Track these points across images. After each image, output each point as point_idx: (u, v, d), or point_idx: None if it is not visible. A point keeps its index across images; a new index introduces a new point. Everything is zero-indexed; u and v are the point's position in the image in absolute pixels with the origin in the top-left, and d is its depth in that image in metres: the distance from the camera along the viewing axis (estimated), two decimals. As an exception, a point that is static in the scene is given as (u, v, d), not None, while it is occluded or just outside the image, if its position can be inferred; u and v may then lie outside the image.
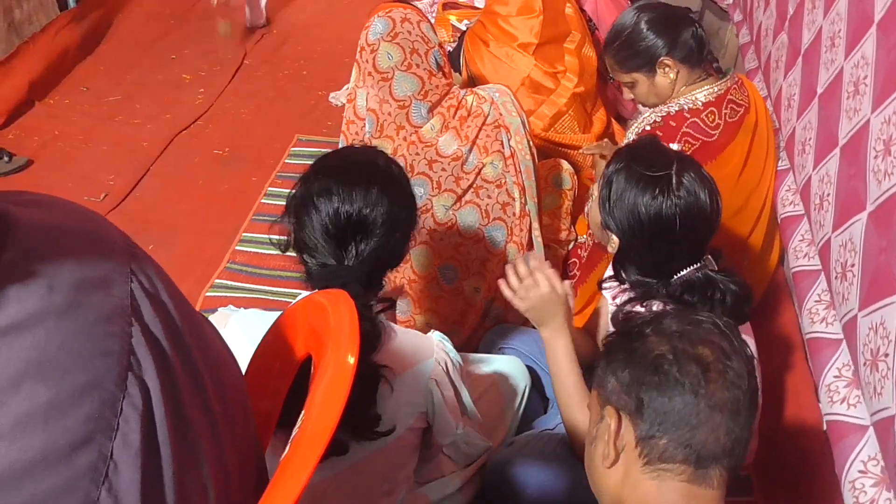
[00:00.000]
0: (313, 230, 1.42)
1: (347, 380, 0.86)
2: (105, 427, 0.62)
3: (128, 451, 0.63)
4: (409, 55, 2.06)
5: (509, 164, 2.17)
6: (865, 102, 1.68)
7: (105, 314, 0.65)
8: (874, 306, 1.51)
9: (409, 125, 2.10)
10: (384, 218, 1.42)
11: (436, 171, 2.11)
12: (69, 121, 3.48)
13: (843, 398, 1.69)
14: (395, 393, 1.41)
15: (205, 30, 4.28)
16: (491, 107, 2.17)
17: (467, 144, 2.12)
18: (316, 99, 3.73)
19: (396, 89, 2.07)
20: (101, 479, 0.61)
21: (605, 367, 1.12)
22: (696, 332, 1.08)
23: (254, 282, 2.63)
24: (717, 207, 1.57)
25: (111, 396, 0.63)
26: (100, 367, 0.63)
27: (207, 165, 3.26)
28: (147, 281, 0.71)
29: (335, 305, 1.02)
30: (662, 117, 2.20)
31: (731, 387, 1.04)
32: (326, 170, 1.47)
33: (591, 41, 3.03)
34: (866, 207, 1.61)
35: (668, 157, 1.59)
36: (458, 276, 2.22)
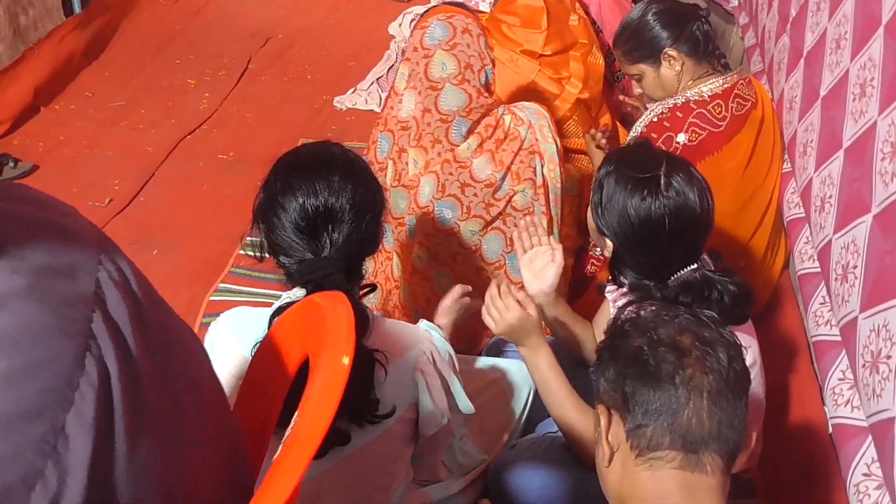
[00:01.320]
0: (284, 230, 1.42)
1: (341, 381, 0.86)
2: (60, 400, 0.63)
3: (81, 427, 0.63)
4: (464, 69, 2.01)
5: (539, 192, 2.12)
6: (872, 104, 1.67)
7: (67, 299, 0.67)
8: (877, 308, 1.50)
9: (447, 141, 2.04)
10: (350, 203, 1.42)
11: (467, 196, 2.06)
12: (74, 126, 3.49)
13: (846, 401, 1.68)
14: (386, 383, 1.41)
15: (210, 35, 4.29)
16: (528, 131, 2.12)
17: (501, 170, 2.06)
18: (321, 103, 3.73)
19: (443, 102, 2.02)
20: (48, 450, 0.61)
21: (596, 370, 1.16)
22: (672, 322, 1.12)
23: (258, 286, 2.63)
24: (708, 206, 1.56)
25: (68, 372, 0.64)
26: (58, 345, 0.65)
27: (212, 170, 3.26)
28: (116, 271, 0.73)
29: (332, 307, 1.01)
30: (669, 108, 2.21)
31: (711, 371, 1.07)
32: (285, 169, 1.47)
33: (598, 46, 3.02)
34: (871, 209, 1.60)
35: (656, 158, 1.59)
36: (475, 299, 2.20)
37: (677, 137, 2.16)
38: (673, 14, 2.23)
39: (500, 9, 2.89)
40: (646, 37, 2.24)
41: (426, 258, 2.14)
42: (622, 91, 3.36)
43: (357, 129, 3.52)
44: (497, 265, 2.14)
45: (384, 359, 1.41)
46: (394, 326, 1.52)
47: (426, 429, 1.52)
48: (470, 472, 1.78)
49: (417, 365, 1.47)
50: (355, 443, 1.44)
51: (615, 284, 1.69)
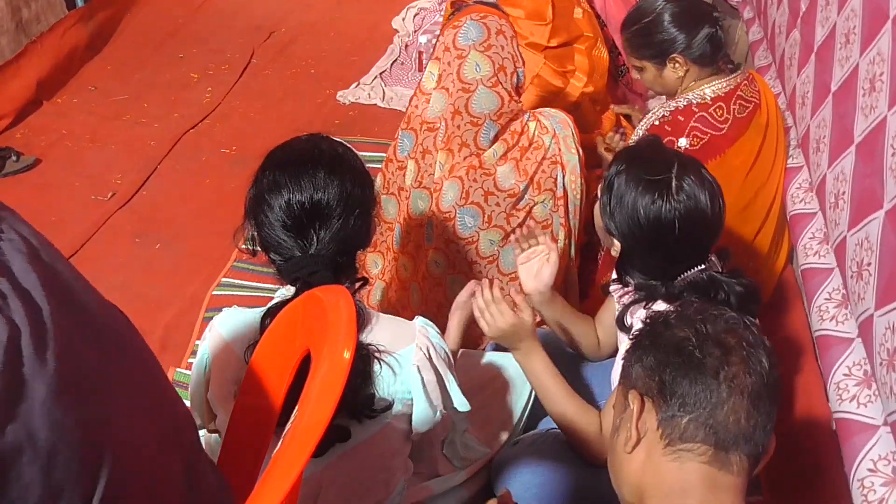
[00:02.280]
0: (272, 227, 1.43)
1: (342, 375, 0.85)
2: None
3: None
4: (498, 71, 1.97)
5: (559, 203, 2.09)
6: (882, 99, 1.65)
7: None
8: (892, 305, 1.48)
9: (475, 145, 2.01)
10: (338, 199, 1.41)
11: (490, 205, 2.03)
12: (77, 120, 3.48)
13: (852, 396, 1.67)
14: (382, 378, 1.41)
15: (213, 29, 4.28)
16: (552, 140, 2.08)
17: (525, 181, 2.04)
18: (324, 97, 3.71)
19: (475, 104, 1.98)
20: None
21: (631, 357, 1.15)
22: (720, 320, 1.11)
23: (260, 280, 2.62)
24: (719, 210, 1.54)
25: None
26: None
27: (215, 164, 3.25)
28: (20, 240, 0.75)
29: (333, 301, 1.00)
30: (671, 112, 2.18)
31: (753, 372, 1.06)
32: (272, 165, 1.46)
33: (603, 41, 3.00)
34: (883, 205, 1.58)
35: (668, 159, 1.57)
36: None
37: (679, 142, 2.13)
38: (688, 17, 2.16)
39: (505, 1, 2.87)
40: (656, 38, 2.19)
41: (443, 264, 2.12)
42: (626, 85, 3.35)
43: (360, 124, 3.50)
44: (512, 276, 2.11)
45: (379, 353, 1.40)
46: (389, 322, 1.51)
47: (420, 426, 1.52)
48: (471, 464, 1.77)
49: (414, 361, 1.46)
50: (355, 438, 1.44)
51: (620, 283, 1.67)
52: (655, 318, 1.17)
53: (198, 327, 2.44)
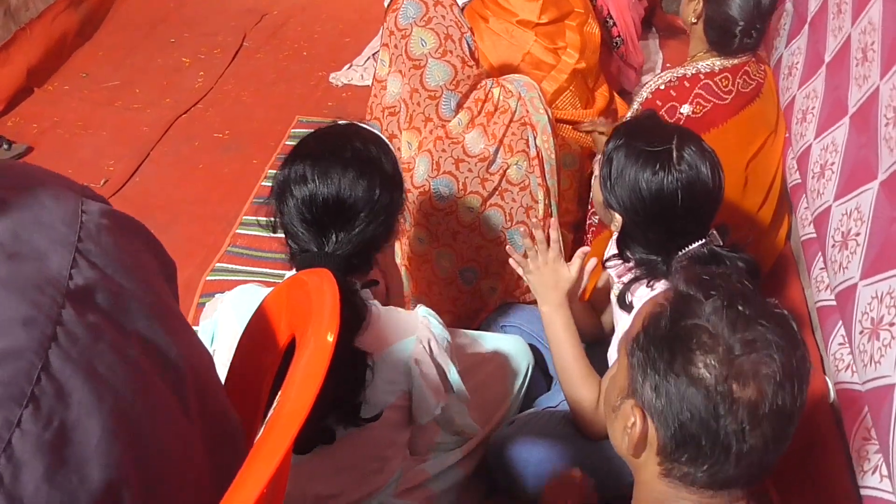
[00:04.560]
0: (291, 217, 1.41)
1: (325, 358, 0.84)
2: (17, 394, 0.61)
3: (38, 421, 0.62)
4: (444, 41, 1.97)
5: (534, 164, 2.09)
6: (874, 69, 1.64)
7: (35, 283, 0.65)
8: (882, 276, 1.48)
9: (438, 118, 2.02)
10: (364, 203, 1.39)
11: (462, 172, 2.04)
12: (68, 107, 3.46)
13: (847, 365, 1.68)
14: (377, 372, 1.39)
15: (204, 13, 4.25)
16: (518, 102, 2.08)
17: (494, 144, 2.04)
18: (316, 80, 3.69)
19: (428, 78, 1.98)
20: (2, 445, 0.60)
21: (645, 364, 1.03)
22: (752, 358, 0.97)
23: (255, 265, 2.61)
24: (719, 180, 1.54)
25: (28, 365, 0.62)
26: (20, 336, 0.63)
27: (208, 149, 3.23)
28: (96, 250, 0.71)
29: (317, 284, 0.99)
30: (678, 77, 2.19)
31: (776, 420, 0.98)
32: (303, 155, 1.43)
33: (594, 17, 2.97)
34: (878, 176, 1.57)
35: (667, 131, 1.57)
36: (478, 277, 2.19)
37: (681, 108, 2.13)
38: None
39: (494, -21, 2.85)
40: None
41: (426, 238, 2.12)
42: (621, 57, 3.33)
43: (353, 105, 3.48)
44: (497, 241, 2.12)
45: (373, 360, 1.39)
46: (390, 314, 1.49)
47: (420, 418, 1.52)
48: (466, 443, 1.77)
49: (413, 354, 1.45)
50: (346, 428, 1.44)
51: (620, 259, 1.66)
52: (681, 328, 1.01)
53: (192, 313, 2.43)
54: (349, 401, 1.38)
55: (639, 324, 1.07)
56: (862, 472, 1.52)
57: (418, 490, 1.67)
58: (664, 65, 3.64)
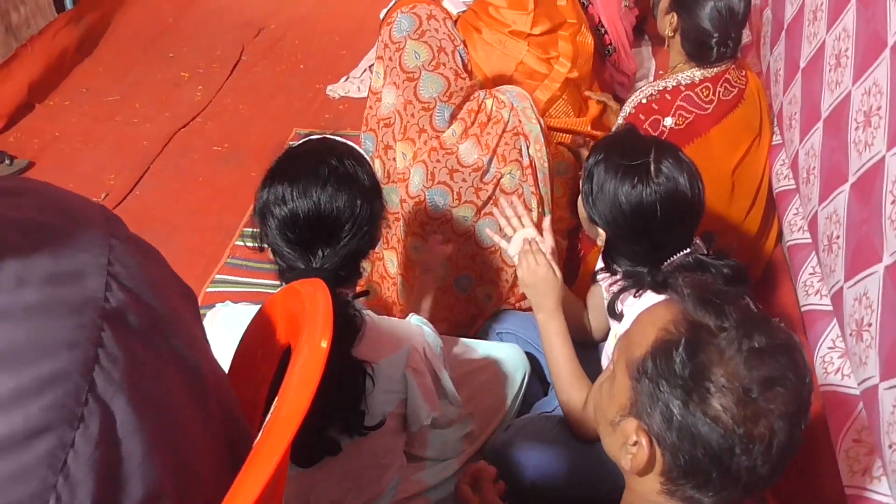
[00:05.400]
0: (276, 237, 1.42)
1: (320, 364, 0.88)
2: (68, 416, 0.64)
3: (89, 442, 0.64)
4: (437, 53, 2.01)
5: (527, 173, 2.12)
6: (847, 74, 1.68)
7: (75, 306, 0.67)
8: (858, 277, 1.52)
9: (432, 128, 2.04)
10: (346, 218, 1.41)
11: (456, 182, 2.07)
12: (69, 122, 3.51)
13: (836, 369, 1.70)
14: (376, 381, 1.41)
15: (202, 27, 4.30)
16: (511, 113, 2.11)
17: (488, 154, 2.07)
18: (314, 92, 3.74)
19: (422, 90, 2.02)
20: (59, 465, 0.63)
21: (654, 394, 1.02)
22: (767, 397, 0.97)
23: (254, 276, 2.65)
24: (699, 190, 1.56)
25: (76, 387, 0.64)
26: (66, 358, 0.65)
27: (207, 162, 3.28)
28: (125, 273, 0.73)
29: (310, 293, 1.03)
30: (659, 91, 2.22)
31: (787, 451, 0.99)
32: (279, 176, 1.44)
33: (587, 26, 3.02)
34: (848, 179, 1.61)
35: (645, 145, 1.59)
36: (473, 285, 2.21)
37: (664, 121, 2.17)
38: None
39: (488, -10, 2.89)
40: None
41: (422, 248, 2.15)
42: (613, 65, 3.37)
43: (350, 117, 3.52)
44: (491, 249, 2.15)
45: (372, 370, 1.40)
46: (384, 323, 1.51)
47: (412, 426, 1.54)
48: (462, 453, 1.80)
49: (409, 363, 1.47)
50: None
51: (608, 272, 1.70)
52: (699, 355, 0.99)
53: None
54: (352, 410, 1.40)
55: (641, 345, 1.06)
56: (851, 473, 1.53)
57: (416, 499, 1.68)
58: (657, 72, 3.68)
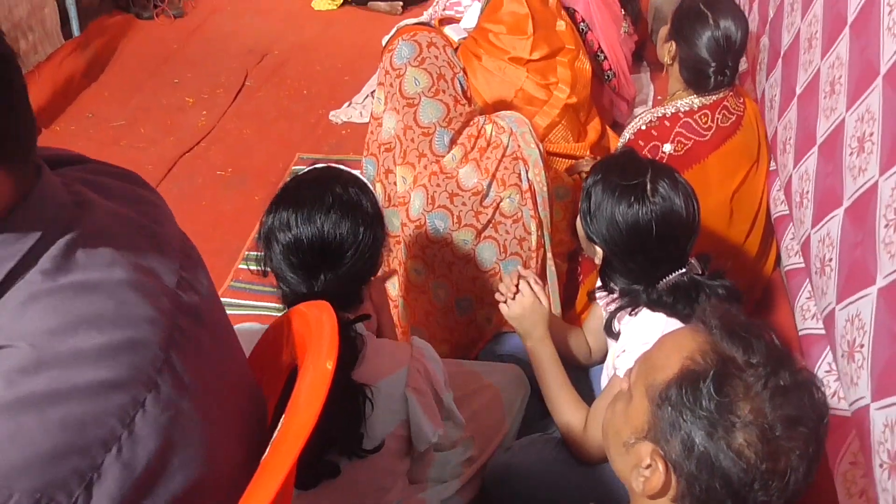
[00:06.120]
0: (279, 262, 1.46)
1: (325, 384, 0.91)
2: (144, 379, 0.74)
3: (157, 405, 0.74)
4: (437, 80, 2.05)
5: (526, 197, 2.15)
6: (841, 101, 1.72)
7: (155, 292, 0.80)
8: (850, 299, 1.54)
9: (431, 153, 2.08)
10: (349, 244, 1.44)
11: (456, 206, 2.10)
12: (75, 146, 3.48)
13: (833, 392, 1.71)
14: (375, 403, 1.43)
15: (207, 54, 4.35)
16: (510, 138, 2.14)
17: (487, 178, 2.10)
18: (317, 118, 3.78)
19: (422, 116, 2.06)
20: (128, 420, 0.72)
21: (677, 422, 1.03)
22: (790, 435, 0.99)
23: (256, 299, 2.68)
24: (694, 211, 1.61)
25: (154, 356, 0.76)
26: (147, 330, 0.76)
27: (211, 186, 3.31)
28: (194, 279, 0.87)
29: (317, 316, 1.06)
30: (658, 118, 2.26)
31: (802, 484, 1.01)
32: (285, 203, 1.48)
33: (586, 52, 3.06)
34: (843, 203, 1.64)
35: (642, 166, 1.64)
36: (473, 308, 2.23)
37: (664, 147, 2.21)
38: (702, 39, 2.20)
39: (486, 18, 2.94)
40: (677, 16, 2.30)
41: (423, 270, 2.18)
42: (613, 90, 3.41)
43: (353, 143, 3.56)
44: (492, 272, 2.18)
45: (371, 394, 1.42)
46: (384, 345, 1.54)
47: (418, 445, 1.56)
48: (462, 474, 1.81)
49: (410, 383, 1.49)
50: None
51: (605, 290, 1.73)
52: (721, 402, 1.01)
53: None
54: (351, 433, 1.42)
55: (665, 370, 1.07)
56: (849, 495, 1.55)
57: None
58: (655, 97, 3.72)
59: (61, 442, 0.69)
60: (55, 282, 0.74)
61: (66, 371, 0.70)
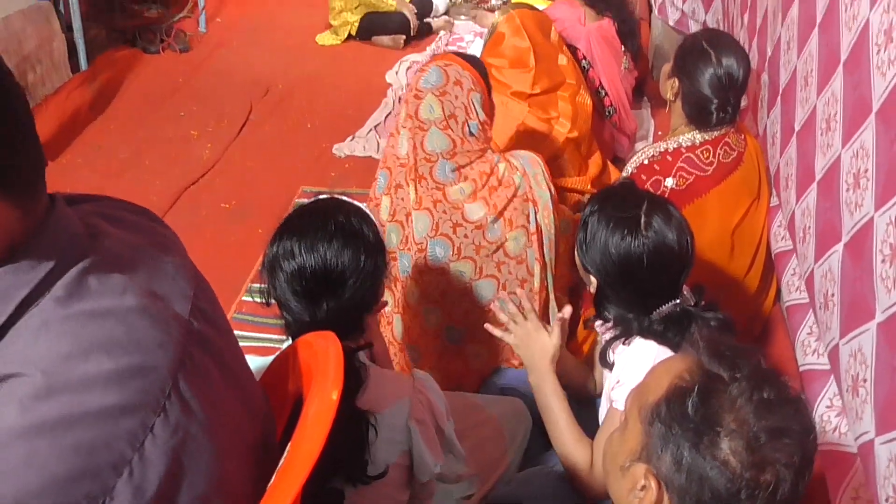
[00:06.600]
0: (283, 290, 1.49)
1: (330, 414, 0.92)
2: (153, 403, 0.76)
3: (166, 429, 0.76)
4: (448, 118, 2.09)
5: (533, 239, 2.16)
6: (837, 138, 1.74)
7: (165, 318, 0.82)
8: (853, 334, 1.55)
9: (432, 179, 2.11)
10: (351, 271, 1.47)
11: (458, 236, 2.12)
12: (81, 178, 3.56)
13: (834, 427, 1.72)
14: (378, 431, 1.44)
15: (212, 87, 4.40)
16: (522, 178, 2.16)
17: (493, 213, 2.12)
18: (320, 151, 3.81)
19: (428, 143, 2.10)
20: (137, 444, 0.74)
21: (667, 437, 1.06)
22: (775, 446, 1.01)
23: (260, 331, 2.69)
24: (687, 244, 1.63)
25: (163, 381, 0.78)
26: (156, 355, 0.78)
27: (215, 218, 3.33)
28: (207, 307, 0.90)
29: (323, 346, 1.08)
30: (660, 152, 2.29)
31: (790, 499, 1.02)
32: (288, 232, 1.51)
33: (586, 87, 3.11)
34: (842, 238, 1.66)
35: (638, 198, 1.67)
36: (464, 339, 2.23)
37: (666, 181, 2.24)
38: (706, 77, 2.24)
39: (488, 53, 2.99)
40: (680, 54, 2.34)
41: (417, 294, 2.19)
42: (614, 125, 3.46)
43: (356, 176, 3.60)
44: (487, 309, 2.17)
45: (375, 420, 1.43)
46: (386, 375, 1.55)
47: (420, 476, 1.56)
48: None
49: (413, 414, 1.50)
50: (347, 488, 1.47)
51: (600, 319, 1.75)
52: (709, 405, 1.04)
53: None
54: (355, 459, 1.43)
55: (656, 391, 1.09)
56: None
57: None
58: (656, 132, 3.76)
59: (74, 466, 0.70)
60: (68, 309, 0.76)
61: (77, 396, 0.72)
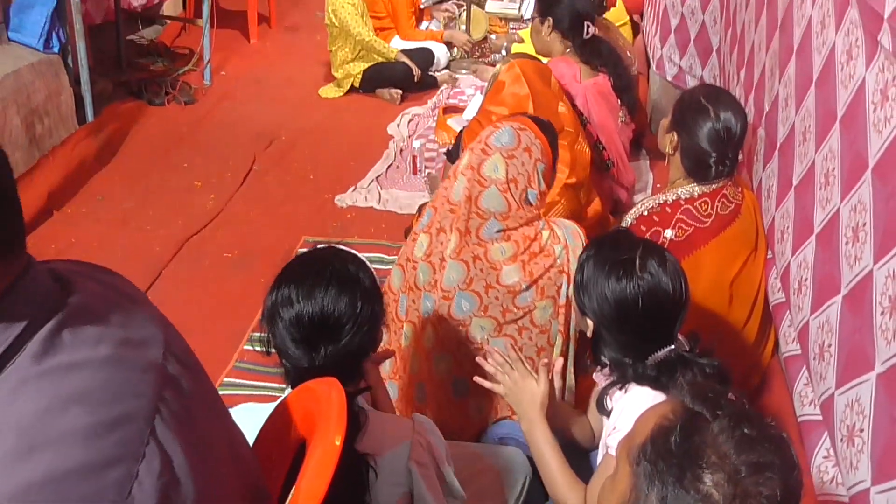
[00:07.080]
0: (282, 338, 1.51)
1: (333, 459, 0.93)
2: (133, 452, 0.77)
3: (150, 474, 0.77)
4: (510, 182, 2.10)
5: (560, 311, 2.16)
6: (835, 192, 1.77)
7: (140, 365, 0.83)
8: (850, 384, 1.57)
9: (476, 236, 2.12)
10: (347, 317, 1.49)
11: (489, 297, 2.12)
12: (85, 228, 3.59)
13: (832, 478, 1.72)
14: (379, 474, 1.45)
15: (216, 138, 4.46)
16: (563, 250, 2.16)
17: (528, 280, 2.12)
18: (322, 201, 3.85)
19: (484, 200, 2.11)
20: (125, 493, 0.74)
21: (652, 475, 1.07)
22: (756, 480, 1.02)
23: (261, 379, 2.69)
24: (682, 289, 1.65)
25: (140, 429, 0.78)
26: (133, 404, 0.80)
27: (217, 268, 3.35)
28: (178, 349, 0.92)
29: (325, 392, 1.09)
30: (660, 204, 2.32)
31: None
32: (287, 280, 1.54)
33: (584, 136, 3.16)
34: (841, 290, 1.68)
35: (633, 242, 1.71)
36: (468, 393, 2.22)
37: (665, 232, 2.27)
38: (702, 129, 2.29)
39: (489, 101, 3.04)
40: (678, 108, 2.39)
41: (433, 339, 2.19)
42: (612, 178, 3.50)
43: (357, 226, 3.64)
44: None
45: (375, 463, 1.44)
46: (385, 419, 1.57)
47: None
48: None
49: (413, 456, 1.51)
50: None
51: (596, 363, 1.77)
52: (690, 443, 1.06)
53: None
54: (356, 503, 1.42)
55: (643, 433, 1.11)
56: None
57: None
58: (655, 184, 3.81)
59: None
60: (43, 365, 0.77)
61: (59, 454, 0.73)
